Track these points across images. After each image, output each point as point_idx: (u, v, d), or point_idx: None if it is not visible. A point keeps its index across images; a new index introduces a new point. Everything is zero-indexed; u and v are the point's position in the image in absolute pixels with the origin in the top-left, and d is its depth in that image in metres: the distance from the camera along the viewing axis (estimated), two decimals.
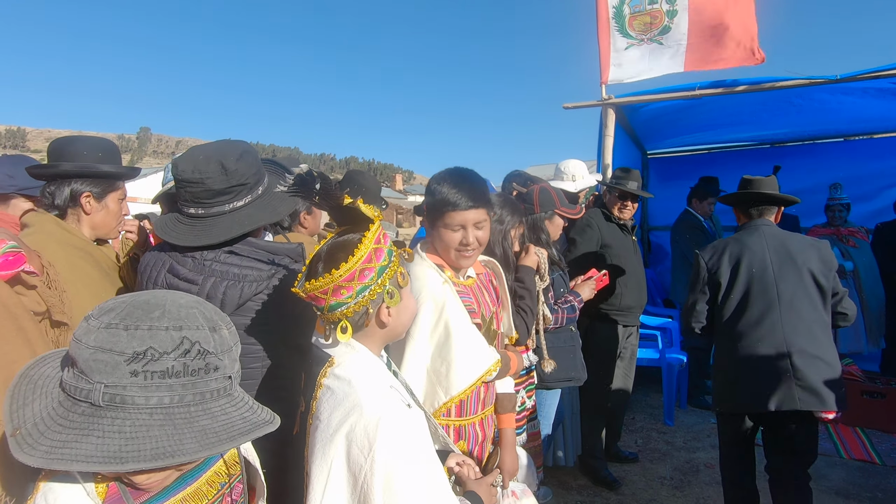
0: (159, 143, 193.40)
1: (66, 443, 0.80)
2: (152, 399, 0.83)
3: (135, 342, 0.82)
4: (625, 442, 4.15)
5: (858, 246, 5.24)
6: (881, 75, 4.05)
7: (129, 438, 0.80)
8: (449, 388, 1.64)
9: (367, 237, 1.23)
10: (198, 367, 0.86)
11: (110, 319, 0.84)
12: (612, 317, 3.65)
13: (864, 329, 5.16)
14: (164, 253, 1.59)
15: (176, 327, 0.85)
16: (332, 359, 1.27)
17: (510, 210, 2.43)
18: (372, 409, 1.13)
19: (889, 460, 3.93)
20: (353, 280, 1.20)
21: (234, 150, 1.55)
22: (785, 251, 2.70)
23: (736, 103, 5.04)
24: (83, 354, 0.82)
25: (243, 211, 1.56)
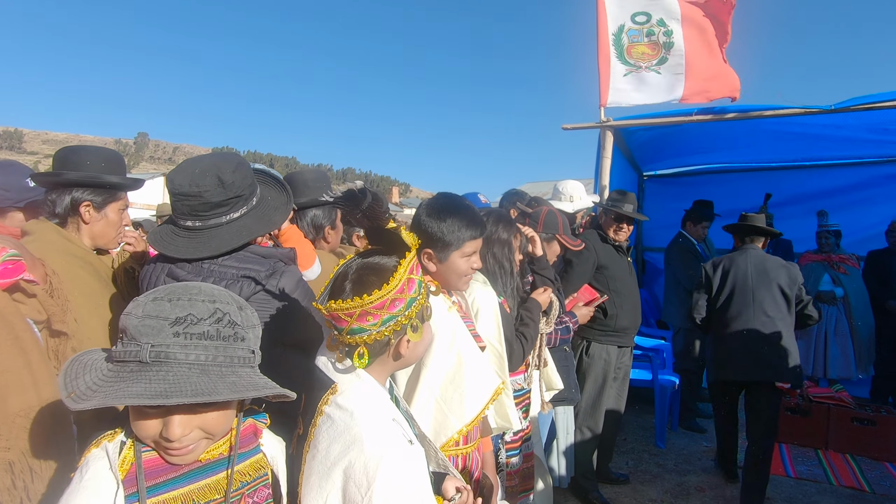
0: (156, 149, 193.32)
1: (118, 389, 0.94)
2: (191, 356, 0.98)
3: (177, 310, 0.98)
4: (616, 463, 4.14)
5: (849, 273, 5.29)
6: (875, 106, 4.12)
7: (172, 383, 0.95)
8: (463, 416, 1.62)
9: (403, 265, 1.20)
10: (228, 335, 1.01)
11: (156, 295, 1.01)
12: (608, 338, 3.67)
13: (853, 355, 5.19)
14: (162, 262, 1.61)
15: (210, 300, 1.02)
16: (336, 386, 1.23)
17: (504, 225, 2.46)
18: (373, 447, 1.09)
19: (878, 488, 3.94)
20: (382, 308, 1.17)
21: (230, 163, 1.59)
22: (762, 268, 3.70)
23: (731, 128, 5.11)
24: (133, 322, 0.98)
25: (240, 222, 1.60)
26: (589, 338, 3.67)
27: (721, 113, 4.42)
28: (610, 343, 3.68)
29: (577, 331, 3.62)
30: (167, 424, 0.99)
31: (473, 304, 2.15)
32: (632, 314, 3.73)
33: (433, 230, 1.74)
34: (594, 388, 3.65)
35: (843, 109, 4.17)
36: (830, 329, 5.25)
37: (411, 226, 1.80)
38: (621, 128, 4.84)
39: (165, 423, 1.00)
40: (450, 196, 1.83)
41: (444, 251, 1.76)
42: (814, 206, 5.69)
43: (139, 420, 1.00)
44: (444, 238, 1.74)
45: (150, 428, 1.00)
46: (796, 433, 4.69)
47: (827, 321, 5.27)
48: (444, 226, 1.73)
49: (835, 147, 5.76)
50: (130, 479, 1.00)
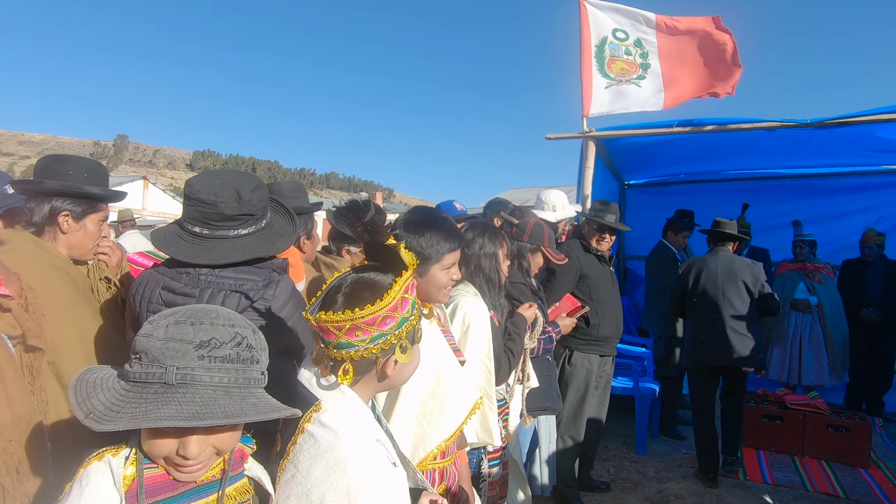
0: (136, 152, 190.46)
1: (147, 411, 0.97)
2: (215, 378, 1.02)
3: (201, 333, 1.02)
4: (597, 470, 4.17)
5: (824, 282, 5.41)
6: (849, 122, 4.23)
7: (202, 405, 0.98)
8: (442, 431, 1.62)
9: (399, 283, 1.19)
10: (246, 357, 1.06)
11: (177, 318, 1.04)
12: (590, 347, 3.70)
13: (827, 363, 5.31)
14: (156, 272, 1.61)
15: (230, 324, 1.07)
16: (319, 403, 1.20)
17: (490, 235, 2.47)
18: (356, 470, 1.07)
19: (853, 494, 4.01)
20: (373, 324, 1.15)
21: (250, 182, 1.65)
22: (730, 268, 4.22)
23: (710, 139, 5.21)
24: (155, 345, 1.01)
25: (245, 240, 1.63)
26: (571, 347, 3.70)
27: (700, 125, 4.51)
28: (592, 352, 3.71)
29: (560, 340, 3.64)
30: (185, 444, 1.02)
31: (465, 318, 2.16)
32: (614, 323, 3.76)
33: (412, 245, 1.73)
34: (576, 397, 3.68)
35: (818, 124, 4.29)
36: (805, 337, 5.37)
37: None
38: (603, 138, 4.90)
39: (182, 442, 1.03)
40: (426, 210, 1.84)
41: (424, 265, 1.76)
42: (790, 217, 5.82)
43: (155, 438, 1.03)
44: (423, 252, 1.74)
45: (165, 446, 1.03)
46: (773, 440, 4.77)
47: (801, 329, 5.39)
48: (423, 240, 1.74)
49: (810, 158, 5.90)
50: (131, 495, 1.02)
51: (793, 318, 5.44)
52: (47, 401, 1.51)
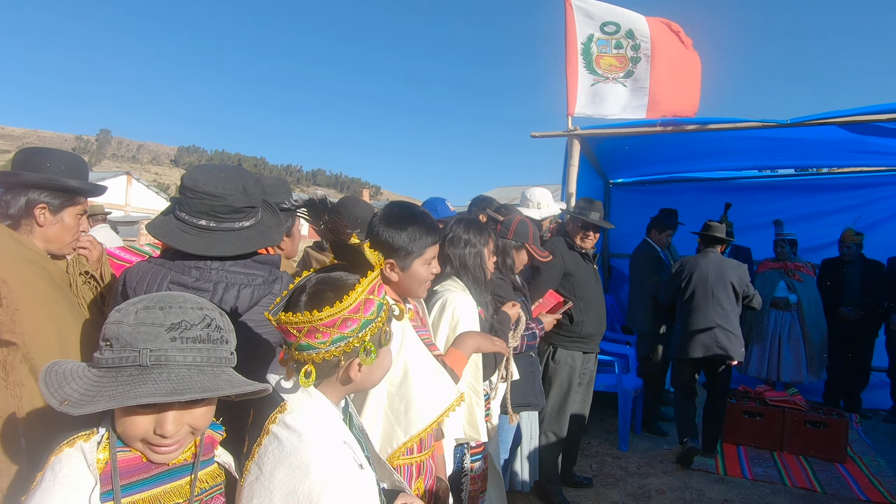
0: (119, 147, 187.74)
1: (125, 391, 1.00)
2: (188, 358, 1.05)
3: (171, 316, 1.05)
4: (580, 466, 4.20)
5: (804, 280, 5.50)
6: (828, 122, 4.30)
7: (178, 382, 1.02)
8: (409, 428, 1.61)
9: (363, 284, 1.16)
10: (216, 338, 1.09)
11: (146, 304, 1.07)
12: (574, 344, 3.73)
13: (805, 360, 5.40)
14: (158, 266, 1.61)
15: (198, 307, 1.10)
16: (285, 404, 1.18)
17: (476, 231, 2.48)
18: (319, 472, 1.06)
19: (829, 488, 4.09)
20: (332, 327, 1.13)
21: (251, 177, 1.71)
22: (720, 270, 4.56)
23: (693, 139, 5.26)
24: (126, 330, 1.03)
25: (247, 232, 1.67)
26: (555, 343, 3.72)
27: (682, 125, 4.55)
28: (575, 349, 3.74)
29: (544, 337, 3.66)
30: (161, 422, 1.05)
31: (454, 314, 2.17)
32: (597, 321, 3.79)
33: (394, 240, 1.74)
34: (560, 394, 3.70)
35: (798, 124, 4.35)
36: (784, 334, 5.45)
37: (371, 244, 1.79)
38: (588, 136, 4.93)
39: (159, 420, 1.05)
40: (404, 205, 1.84)
41: (406, 259, 1.76)
42: (772, 216, 5.91)
43: (131, 419, 1.04)
44: (406, 246, 1.74)
45: (142, 426, 1.05)
46: (753, 435, 4.84)
47: (781, 327, 5.48)
48: (406, 234, 1.74)
49: (791, 159, 5.99)
50: (105, 478, 1.04)
51: (772, 316, 5.52)
52: (21, 396, 1.49)
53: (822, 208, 6.38)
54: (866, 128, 4.56)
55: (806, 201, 6.44)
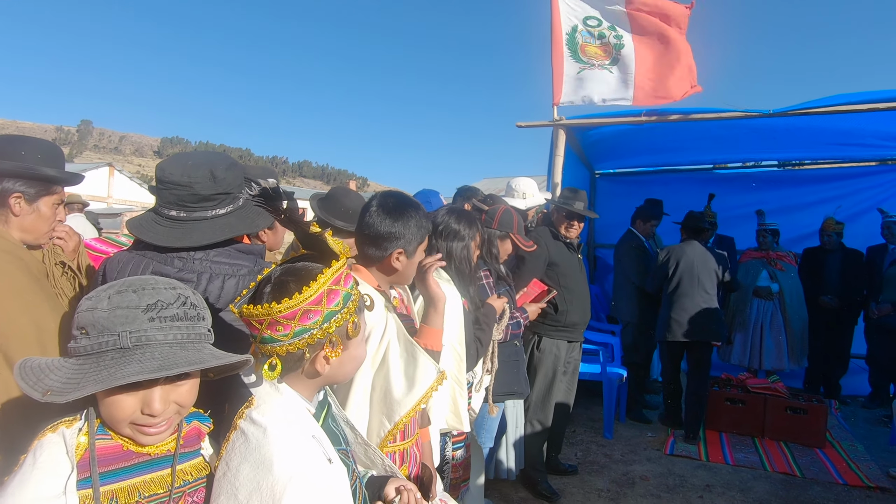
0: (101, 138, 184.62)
1: (110, 374, 0.99)
2: (169, 336, 1.05)
3: (146, 298, 1.05)
4: (565, 454, 4.24)
5: (785, 269, 5.58)
6: (810, 112, 4.35)
7: (164, 359, 1.03)
8: (391, 415, 1.62)
9: (325, 275, 1.13)
10: (192, 315, 1.10)
11: (118, 288, 1.07)
12: (558, 333, 3.75)
13: (786, 348, 5.48)
14: (140, 255, 1.58)
15: (171, 287, 1.10)
16: (252, 399, 1.16)
17: (466, 223, 2.49)
18: (282, 468, 1.04)
19: (808, 473, 4.17)
20: (293, 319, 1.10)
21: (224, 161, 1.63)
22: (704, 258, 4.83)
23: (678, 130, 5.30)
24: (101, 316, 1.03)
25: (224, 219, 1.61)
26: (540, 333, 3.74)
27: (665, 114, 4.58)
28: (560, 338, 3.76)
29: (529, 326, 3.68)
30: (148, 402, 1.05)
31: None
32: (581, 310, 3.82)
33: (400, 230, 1.74)
34: (544, 382, 3.73)
35: (781, 114, 4.39)
36: (766, 323, 5.54)
37: (367, 234, 1.76)
38: (573, 126, 4.94)
39: (146, 400, 1.05)
40: (397, 194, 1.84)
41: (412, 245, 1.78)
42: (755, 206, 5.98)
43: (115, 403, 1.04)
44: (409, 234, 1.75)
45: (128, 407, 1.05)
46: (735, 422, 4.91)
47: (763, 315, 5.56)
48: (413, 222, 1.75)
49: (774, 151, 6.06)
50: (83, 465, 1.03)
51: (755, 305, 5.60)
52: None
53: (804, 200, 6.48)
54: (849, 117, 4.62)
55: (788, 192, 6.54)
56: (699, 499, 3.73)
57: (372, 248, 1.77)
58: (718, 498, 3.75)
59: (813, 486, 3.98)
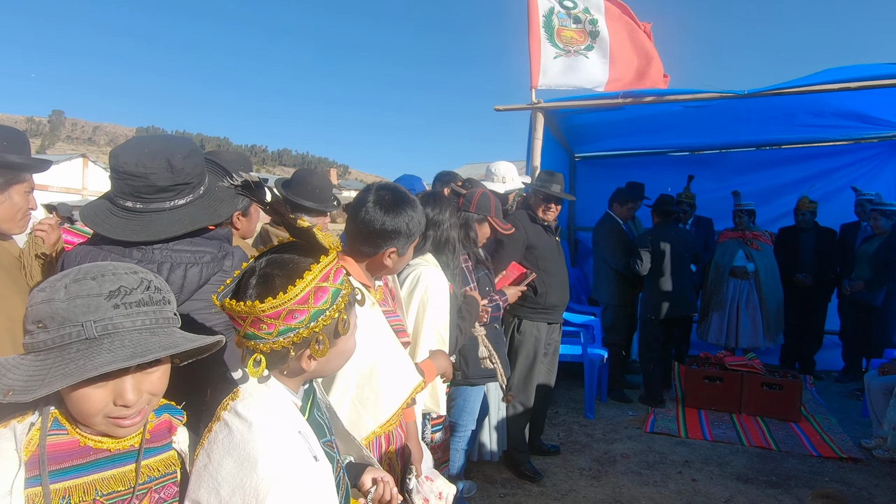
0: (74, 128, 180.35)
1: (79, 367, 0.94)
2: (137, 322, 1.02)
3: (107, 284, 1.01)
4: (547, 435, 4.30)
5: (761, 249, 5.67)
6: (784, 92, 4.39)
7: (136, 346, 0.99)
8: (378, 416, 1.62)
9: (313, 273, 1.08)
10: (157, 299, 1.06)
11: (74, 277, 1.01)
12: (538, 315, 3.78)
13: (761, 326, 5.59)
14: (98, 248, 1.51)
15: (132, 272, 1.06)
16: (237, 390, 1.12)
17: (434, 206, 2.48)
18: (267, 468, 1.02)
19: (784, 446, 4.27)
20: (277, 318, 1.06)
21: (182, 148, 1.54)
22: (682, 239, 5.25)
23: (657, 113, 5.32)
24: (59, 307, 0.97)
25: (184, 210, 1.54)
26: (520, 315, 3.77)
27: (641, 96, 4.60)
28: (540, 320, 3.79)
29: (509, 309, 3.70)
30: (121, 392, 1.01)
31: (427, 290, 2.16)
32: (560, 292, 3.84)
33: (395, 229, 1.71)
34: (526, 364, 3.76)
35: (755, 94, 4.43)
36: (742, 302, 5.63)
37: (361, 230, 1.72)
38: (551, 109, 4.94)
39: (118, 391, 1.01)
40: (394, 189, 1.79)
41: (406, 244, 1.76)
42: (732, 188, 6.05)
43: (84, 397, 0.98)
44: (406, 232, 1.73)
45: (100, 400, 1.00)
46: (713, 399, 5.01)
47: (739, 295, 5.66)
48: (409, 221, 1.73)
49: (749, 131, 6.12)
50: (33, 462, 0.97)
51: (731, 284, 5.69)
52: None
53: (780, 180, 6.57)
54: (822, 97, 4.68)
55: (764, 173, 6.62)
56: (678, 474, 3.81)
57: (365, 244, 1.74)
58: (697, 473, 3.84)
59: (788, 458, 4.09)
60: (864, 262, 5.51)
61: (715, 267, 5.80)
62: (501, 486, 3.63)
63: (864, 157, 6.39)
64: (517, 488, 3.61)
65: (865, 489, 3.63)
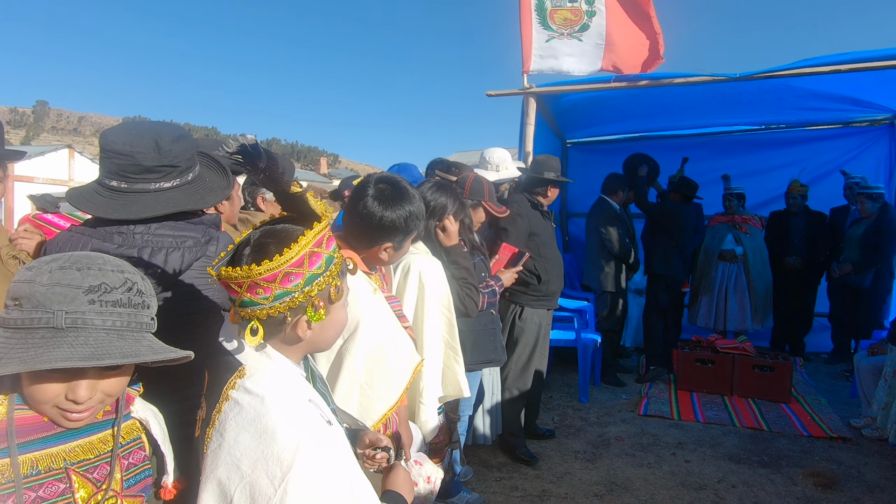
0: (59, 119, 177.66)
1: (37, 354, 0.94)
2: (108, 322, 1.00)
3: (90, 278, 1.00)
4: (542, 419, 4.33)
5: (750, 232, 5.72)
6: (775, 75, 4.40)
7: (97, 347, 0.97)
8: (389, 399, 1.64)
9: (306, 237, 1.10)
10: (137, 302, 1.05)
11: (61, 263, 1.00)
12: (539, 302, 3.78)
13: (749, 309, 5.65)
14: (80, 234, 1.51)
15: (119, 270, 1.05)
16: (243, 368, 1.12)
17: (451, 197, 2.48)
18: (287, 436, 1.03)
19: (775, 427, 4.33)
20: (273, 282, 1.07)
21: (171, 132, 1.55)
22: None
23: (648, 98, 5.32)
24: (38, 290, 0.97)
25: (168, 193, 1.53)
26: (521, 303, 3.75)
27: (635, 80, 4.58)
28: (541, 307, 3.79)
29: (510, 298, 3.70)
30: (74, 388, 1.01)
31: (421, 277, 2.16)
32: (559, 278, 3.85)
33: (393, 225, 1.70)
34: (526, 352, 3.75)
35: (747, 77, 4.43)
36: (731, 285, 5.69)
37: (358, 223, 1.71)
38: (544, 94, 4.92)
39: (71, 387, 1.01)
40: (394, 182, 1.77)
41: (403, 239, 1.75)
42: (722, 172, 6.07)
43: (41, 384, 0.99)
44: (405, 227, 1.72)
45: (52, 391, 1.00)
46: (705, 382, 5.06)
47: (728, 278, 5.71)
48: (407, 217, 1.72)
49: (741, 116, 6.13)
50: (1, 435, 1.00)
51: (720, 268, 5.74)
52: None
53: (770, 163, 6.59)
54: (814, 80, 4.68)
55: (754, 157, 6.64)
56: (672, 456, 3.86)
57: (361, 238, 1.74)
58: (690, 454, 3.89)
59: (779, 439, 4.15)
60: (852, 244, 5.57)
61: (704, 251, 5.84)
62: (497, 469, 3.66)
63: (855, 141, 6.43)
64: (513, 472, 3.64)
65: (855, 467, 3.69)
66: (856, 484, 3.48)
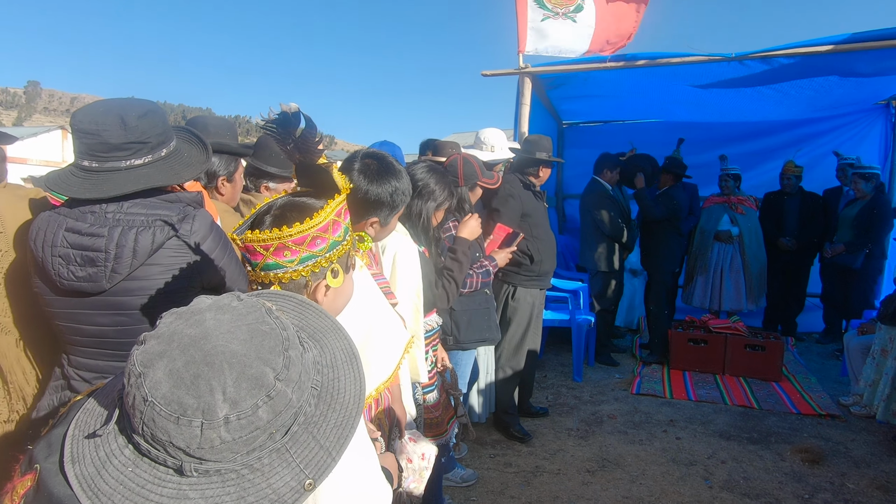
0: (51, 100, 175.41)
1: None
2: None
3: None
4: (536, 398, 4.39)
5: (745, 213, 5.74)
6: (770, 55, 4.39)
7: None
8: (380, 375, 1.64)
9: (331, 205, 1.14)
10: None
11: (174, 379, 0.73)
12: (532, 282, 3.81)
13: (744, 290, 5.70)
14: (57, 214, 1.51)
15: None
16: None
17: (444, 184, 2.46)
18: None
19: (765, 405, 4.40)
20: (302, 244, 1.11)
21: (138, 108, 1.52)
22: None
23: (644, 78, 5.28)
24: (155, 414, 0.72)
25: (140, 170, 1.51)
26: (514, 283, 3.77)
27: (632, 60, 4.56)
28: (534, 286, 3.82)
29: (503, 278, 3.73)
30: None
31: (395, 258, 2.16)
32: (551, 257, 3.87)
33: (379, 199, 1.70)
34: (520, 331, 3.79)
35: (743, 57, 4.42)
36: (726, 266, 5.73)
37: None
38: (539, 75, 4.89)
39: None
40: (381, 157, 1.77)
41: (389, 215, 1.75)
42: (720, 152, 6.07)
43: None
44: (391, 202, 1.72)
45: None
46: (698, 361, 5.13)
47: (723, 258, 5.75)
48: (394, 192, 1.71)
49: (737, 99, 6.11)
50: None
51: (715, 248, 5.77)
52: None
53: (766, 146, 6.59)
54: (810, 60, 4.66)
55: (751, 140, 6.63)
56: (663, 433, 3.92)
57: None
58: (681, 431, 3.95)
59: (769, 416, 4.22)
60: (845, 225, 5.60)
61: (700, 232, 5.87)
62: (491, 446, 3.72)
63: (850, 122, 6.42)
64: (507, 449, 3.70)
65: (842, 443, 3.77)
66: (842, 459, 3.55)
